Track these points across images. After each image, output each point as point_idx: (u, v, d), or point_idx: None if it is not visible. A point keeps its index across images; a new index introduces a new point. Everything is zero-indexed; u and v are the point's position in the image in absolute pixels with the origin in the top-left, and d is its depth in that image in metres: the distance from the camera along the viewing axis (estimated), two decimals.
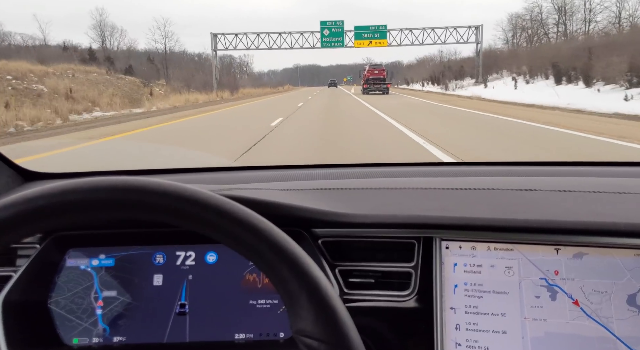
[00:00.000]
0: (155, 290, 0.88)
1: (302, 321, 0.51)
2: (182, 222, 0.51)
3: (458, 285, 0.82)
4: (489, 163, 1.32)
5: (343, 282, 0.87)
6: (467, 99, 22.66)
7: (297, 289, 0.51)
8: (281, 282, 0.52)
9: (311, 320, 0.50)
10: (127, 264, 0.89)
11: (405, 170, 1.26)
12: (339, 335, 0.50)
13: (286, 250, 0.52)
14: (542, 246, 0.80)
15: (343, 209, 0.90)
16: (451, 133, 9.18)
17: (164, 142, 8.49)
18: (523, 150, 6.82)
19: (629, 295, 0.76)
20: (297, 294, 0.51)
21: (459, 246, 0.83)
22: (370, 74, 35.14)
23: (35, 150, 7.41)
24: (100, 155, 6.88)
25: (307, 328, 0.50)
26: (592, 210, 0.86)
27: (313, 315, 0.50)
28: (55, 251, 0.89)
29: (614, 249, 0.78)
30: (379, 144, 7.80)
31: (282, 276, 0.52)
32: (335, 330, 0.50)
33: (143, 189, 0.51)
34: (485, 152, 6.69)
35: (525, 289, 0.79)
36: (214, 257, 0.90)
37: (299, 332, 0.51)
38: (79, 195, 0.50)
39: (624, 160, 1.27)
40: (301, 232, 0.88)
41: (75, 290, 0.87)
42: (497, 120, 11.58)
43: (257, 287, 0.88)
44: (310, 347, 0.50)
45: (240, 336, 0.86)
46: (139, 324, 0.87)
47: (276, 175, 1.21)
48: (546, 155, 6.32)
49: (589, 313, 0.77)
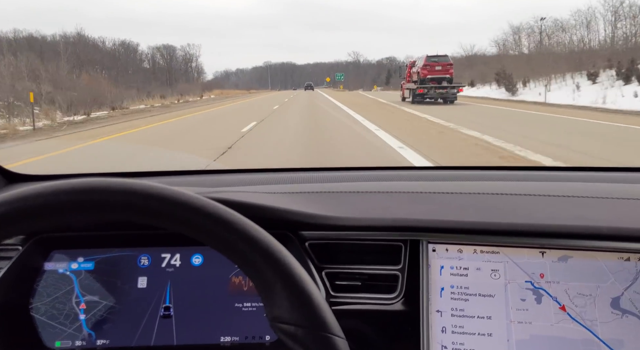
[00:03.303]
0: (139, 292, 0.87)
1: (278, 309, 0.51)
2: (152, 220, 0.51)
3: (444, 288, 0.82)
4: (476, 167, 1.33)
5: (330, 285, 0.87)
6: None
7: (271, 277, 0.51)
8: (256, 272, 0.52)
9: (287, 307, 0.50)
10: (109, 267, 0.88)
11: (393, 174, 1.26)
12: (315, 319, 0.50)
13: (258, 240, 0.52)
14: (527, 249, 0.81)
15: (330, 211, 0.91)
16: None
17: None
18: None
19: (613, 298, 0.77)
20: (272, 282, 0.51)
21: (446, 249, 0.84)
22: (428, 71, 21.39)
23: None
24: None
25: (283, 315, 0.51)
26: (576, 214, 0.87)
27: (288, 301, 0.51)
28: (38, 253, 0.88)
29: (598, 252, 0.79)
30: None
31: (256, 266, 0.52)
32: (311, 314, 0.50)
33: (107, 189, 0.50)
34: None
35: (511, 291, 0.80)
36: (200, 260, 0.89)
37: (275, 319, 0.52)
38: (39, 200, 0.49)
39: (607, 166, 1.29)
40: (288, 234, 0.88)
41: (55, 295, 0.86)
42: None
43: (243, 290, 0.88)
44: (287, 333, 0.51)
45: (226, 339, 0.86)
46: (124, 327, 0.86)
47: (263, 178, 1.21)
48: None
49: (574, 316, 0.78)
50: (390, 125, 11.00)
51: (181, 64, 49.40)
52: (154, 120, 14.46)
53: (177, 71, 47.11)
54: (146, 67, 42.56)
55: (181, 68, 48.76)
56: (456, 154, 7.29)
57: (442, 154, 7.32)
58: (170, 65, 46.97)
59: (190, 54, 49.96)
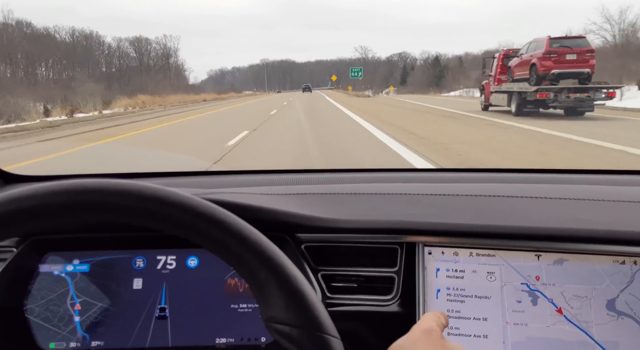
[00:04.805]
0: (135, 294, 0.87)
1: (273, 309, 0.51)
2: (146, 221, 0.50)
3: (440, 290, 0.82)
4: (471, 170, 1.34)
5: (326, 287, 0.87)
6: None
7: (266, 277, 0.51)
8: (250, 273, 0.51)
9: (281, 307, 0.50)
10: (104, 269, 0.88)
11: (389, 175, 1.25)
12: (309, 319, 0.50)
13: (252, 241, 0.52)
14: (523, 252, 0.81)
15: (326, 214, 0.91)
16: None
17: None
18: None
19: (608, 300, 0.77)
20: (266, 282, 0.51)
21: (442, 252, 0.84)
22: (554, 62, 12.39)
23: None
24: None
25: (277, 315, 0.50)
26: (571, 217, 0.87)
27: (283, 301, 0.50)
28: (33, 255, 0.87)
29: (594, 255, 0.79)
30: None
31: (251, 267, 0.51)
32: (305, 314, 0.50)
33: (101, 190, 0.50)
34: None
35: (506, 293, 0.80)
36: (195, 262, 0.89)
37: (270, 319, 0.51)
38: (33, 201, 0.49)
39: (604, 169, 1.25)
40: (284, 237, 0.88)
41: (50, 297, 0.86)
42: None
43: (239, 292, 0.87)
44: (282, 333, 0.50)
45: (221, 340, 0.86)
46: (119, 328, 0.85)
47: (260, 180, 1.20)
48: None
49: (570, 318, 0.78)
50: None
51: (160, 59, 40.55)
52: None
53: (150, 69, 38.22)
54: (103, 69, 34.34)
55: (157, 65, 39.85)
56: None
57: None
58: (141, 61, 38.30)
59: (167, 48, 40.96)
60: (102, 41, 37.09)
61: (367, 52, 75.00)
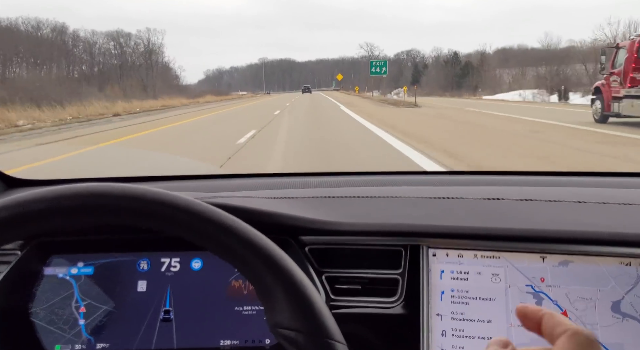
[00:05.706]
0: (139, 296, 0.87)
1: (279, 314, 0.51)
2: (152, 224, 0.51)
3: (445, 291, 0.82)
4: (475, 172, 1.37)
5: (330, 289, 0.87)
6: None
7: (272, 282, 0.51)
8: (256, 278, 0.52)
9: (288, 313, 0.50)
10: (109, 272, 0.88)
11: (392, 178, 1.26)
12: (316, 325, 0.50)
13: (259, 246, 0.52)
14: (528, 254, 0.81)
15: (330, 217, 0.91)
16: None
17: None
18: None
19: (614, 302, 0.77)
20: (273, 288, 0.51)
21: (446, 254, 0.84)
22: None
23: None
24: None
25: (284, 321, 0.50)
26: (576, 219, 0.87)
27: (289, 307, 0.50)
28: (37, 258, 0.87)
29: (599, 257, 0.79)
30: None
31: (257, 272, 0.51)
32: (312, 320, 0.50)
33: (106, 194, 0.50)
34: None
35: (511, 295, 0.80)
36: (199, 264, 0.89)
37: (276, 325, 0.51)
38: (38, 205, 0.50)
39: (608, 171, 1.27)
40: (288, 240, 0.88)
41: (54, 300, 0.86)
42: None
43: (243, 294, 0.87)
44: (288, 338, 0.50)
45: (225, 343, 0.86)
46: (124, 331, 0.85)
47: (264, 184, 1.21)
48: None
49: (575, 320, 0.78)
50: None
51: (139, 56, 34.84)
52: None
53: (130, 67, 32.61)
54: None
55: (137, 63, 34.19)
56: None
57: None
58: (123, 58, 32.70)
59: (152, 44, 35.26)
60: (77, 35, 31.65)
61: (373, 49, 69.07)
